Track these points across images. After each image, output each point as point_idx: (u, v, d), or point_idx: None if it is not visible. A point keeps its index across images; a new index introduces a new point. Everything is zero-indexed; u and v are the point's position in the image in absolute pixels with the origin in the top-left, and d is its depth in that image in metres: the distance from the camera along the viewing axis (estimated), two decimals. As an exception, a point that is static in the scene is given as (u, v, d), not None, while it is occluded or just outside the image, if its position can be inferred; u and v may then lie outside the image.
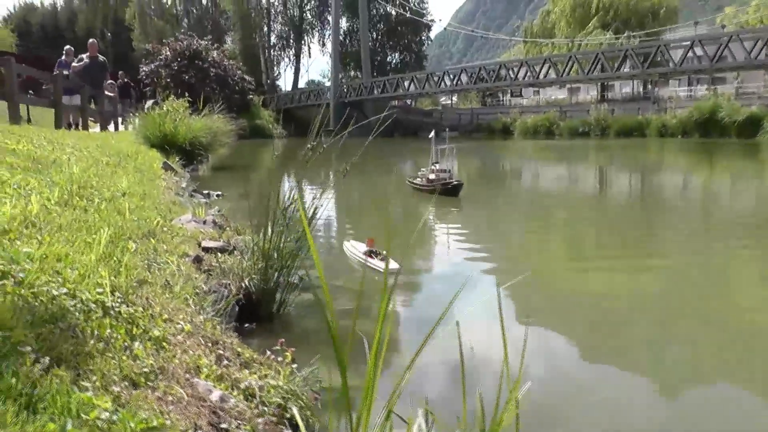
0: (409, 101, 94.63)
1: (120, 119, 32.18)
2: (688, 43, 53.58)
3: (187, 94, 44.37)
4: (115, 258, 4.32)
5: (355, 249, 9.23)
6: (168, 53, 65.66)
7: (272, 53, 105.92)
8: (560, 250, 11.60)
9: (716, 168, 31.89)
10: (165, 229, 6.12)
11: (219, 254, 5.82)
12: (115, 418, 2.29)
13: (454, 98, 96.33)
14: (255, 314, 5.39)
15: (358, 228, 12.82)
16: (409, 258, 9.35)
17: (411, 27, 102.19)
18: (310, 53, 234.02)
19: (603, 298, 7.94)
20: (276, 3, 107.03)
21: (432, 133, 17.73)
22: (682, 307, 7.81)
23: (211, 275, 5.37)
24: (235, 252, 6.19)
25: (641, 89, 71.97)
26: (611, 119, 63.80)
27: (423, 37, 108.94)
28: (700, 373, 5.99)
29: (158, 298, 4.09)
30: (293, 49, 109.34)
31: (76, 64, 22.90)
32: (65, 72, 21.34)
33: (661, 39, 63.38)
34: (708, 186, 24.36)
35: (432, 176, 16.86)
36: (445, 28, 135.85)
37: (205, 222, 6.84)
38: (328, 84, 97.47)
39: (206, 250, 5.96)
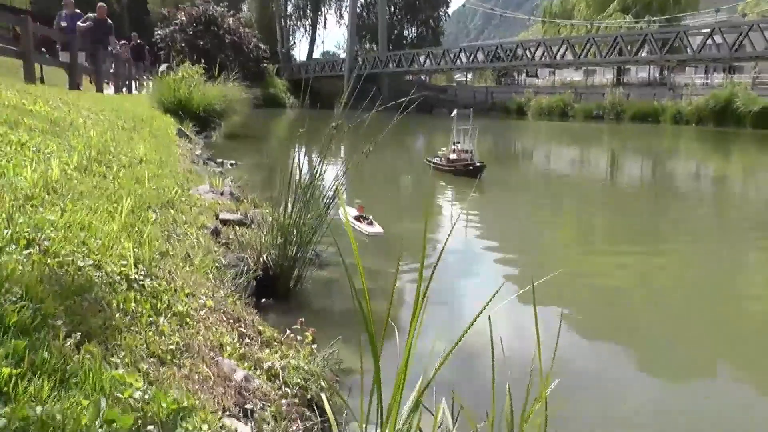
0: (424, 77, 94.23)
1: (134, 82, 32.05)
2: (708, 30, 53.09)
3: (201, 60, 44.27)
4: (136, 228, 4.31)
5: (348, 213, 9.35)
6: (183, 18, 65.43)
7: (288, 23, 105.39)
8: (577, 239, 11.56)
9: (731, 158, 31.72)
10: (183, 199, 6.11)
11: (237, 227, 5.81)
12: (147, 397, 2.28)
13: (470, 76, 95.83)
14: (272, 289, 5.38)
15: (372, 204, 12.74)
16: (430, 242, 9.35)
17: (429, 2, 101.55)
18: (326, 24, 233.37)
19: (617, 289, 7.92)
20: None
21: (454, 112, 17.21)
22: (693, 299, 7.84)
23: (229, 248, 5.36)
24: (253, 225, 6.17)
25: (657, 75, 71.46)
26: (626, 104, 63.45)
27: (441, 13, 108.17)
28: (710, 365, 6.00)
29: (180, 272, 4.08)
30: (309, 20, 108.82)
31: (81, 24, 22.48)
32: (63, 24, 21.11)
33: (681, 25, 62.81)
34: (722, 177, 24.21)
35: (453, 156, 16.41)
36: (463, 5, 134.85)
37: (222, 193, 6.82)
38: (343, 55, 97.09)
39: (224, 222, 5.95)
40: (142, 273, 3.61)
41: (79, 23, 22.37)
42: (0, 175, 4.30)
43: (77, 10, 22.45)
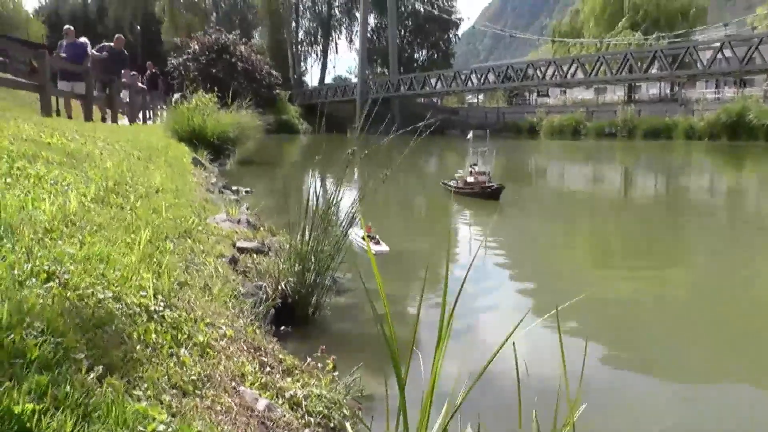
0: (435, 99, 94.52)
1: (149, 112, 32.25)
2: (718, 44, 53.03)
3: (214, 88, 44.52)
4: (155, 259, 4.31)
5: (356, 235, 9.52)
6: (196, 47, 66.05)
7: (300, 49, 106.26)
8: (596, 259, 11.45)
9: (744, 172, 31.60)
10: (200, 228, 6.11)
11: (254, 255, 5.81)
12: (170, 430, 2.27)
13: (481, 97, 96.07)
14: (291, 317, 5.36)
15: (387, 227, 12.70)
16: (450, 265, 9.36)
17: (439, 24, 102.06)
18: (337, 49, 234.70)
19: (638, 309, 7.83)
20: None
21: (470, 134, 16.99)
22: (707, 314, 7.82)
23: (247, 277, 5.36)
24: (270, 253, 6.17)
25: (668, 91, 71.52)
26: (638, 120, 63.52)
27: (450, 35, 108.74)
28: (722, 380, 5.99)
29: (199, 301, 4.08)
30: (321, 45, 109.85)
31: (96, 53, 22.20)
32: (62, 54, 20.33)
33: (690, 40, 62.84)
34: (735, 190, 24.13)
35: (470, 179, 15.96)
36: (473, 27, 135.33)
37: (239, 221, 6.83)
38: (354, 80, 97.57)
39: (241, 250, 5.94)
40: (162, 304, 3.60)
41: (94, 52, 22.17)
42: (19, 208, 4.32)
43: (82, 40, 21.82)
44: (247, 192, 15.05)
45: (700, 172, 31.54)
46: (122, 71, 23.75)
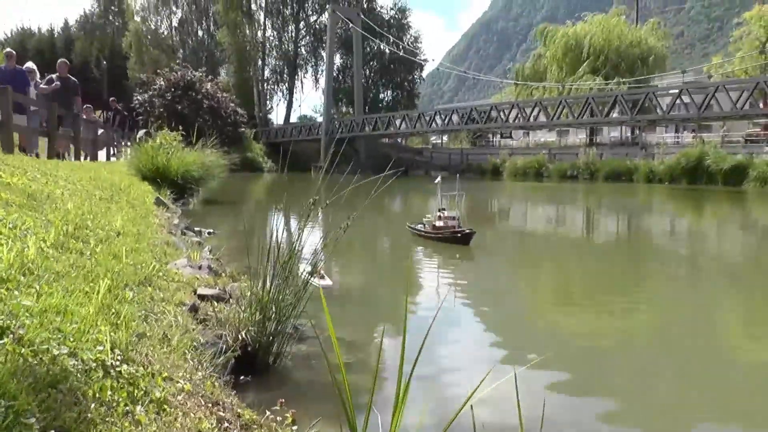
0: (400, 139, 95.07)
1: (113, 148, 31.93)
2: (676, 91, 54.02)
3: (179, 125, 44.30)
4: (113, 309, 4.24)
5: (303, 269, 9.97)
6: (162, 83, 66.00)
7: (266, 87, 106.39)
8: (561, 300, 11.49)
9: (703, 214, 32.14)
10: (161, 274, 6.05)
11: (215, 303, 5.75)
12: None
13: (445, 138, 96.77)
14: (251, 365, 5.29)
15: (350, 271, 12.66)
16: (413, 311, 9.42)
17: (404, 65, 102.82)
18: (303, 88, 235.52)
19: (601, 348, 7.97)
20: (271, 37, 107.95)
21: (438, 179, 16.58)
22: (669, 350, 8.04)
23: (207, 325, 5.30)
24: (231, 300, 6.11)
25: (629, 134, 72.70)
26: (600, 163, 64.41)
27: (415, 76, 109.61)
28: (686, 413, 6.15)
29: (157, 354, 4.01)
30: (287, 84, 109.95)
31: (44, 86, 21.28)
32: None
33: (650, 86, 63.94)
34: (695, 232, 24.54)
35: (439, 223, 15.61)
36: (437, 68, 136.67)
37: (200, 267, 6.76)
38: (320, 119, 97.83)
39: (202, 297, 5.88)
40: (119, 358, 3.54)
41: (42, 85, 21.40)
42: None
43: (28, 65, 20.72)
44: (210, 233, 14.93)
45: (661, 215, 31.99)
46: (76, 101, 22.65)
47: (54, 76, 21.66)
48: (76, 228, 6.48)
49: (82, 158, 23.04)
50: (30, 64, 20.62)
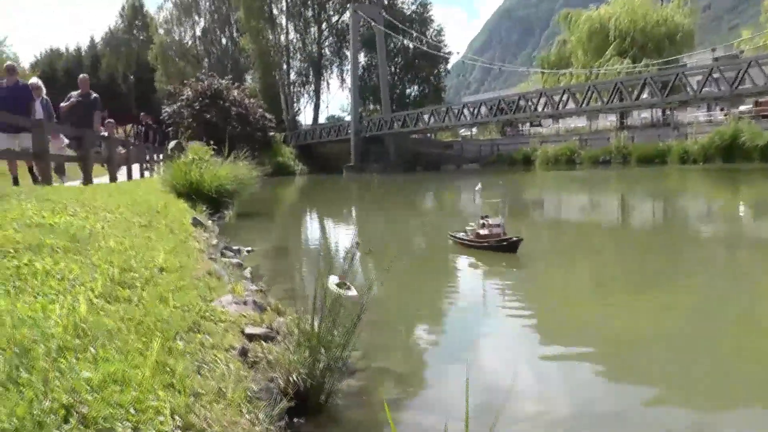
0: (428, 134, 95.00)
1: (146, 165, 32.13)
2: (707, 69, 53.29)
3: (209, 134, 44.67)
4: (168, 367, 4.32)
5: (331, 281, 10.19)
6: (189, 93, 66.62)
7: (292, 90, 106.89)
8: (618, 297, 11.44)
9: (740, 195, 31.82)
10: (208, 313, 6.13)
11: (263, 343, 5.82)
12: None
13: (474, 130, 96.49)
14: (303, 406, 5.35)
15: (389, 285, 12.51)
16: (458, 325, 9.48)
17: (428, 60, 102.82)
18: (329, 88, 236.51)
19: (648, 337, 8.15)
20: (294, 40, 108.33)
21: (478, 186, 16.05)
22: (711, 337, 8.40)
23: (257, 369, 5.36)
24: (278, 337, 6.18)
25: (660, 115, 71.85)
26: (632, 147, 63.95)
27: (440, 69, 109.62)
28: (729, 398, 6.36)
29: (214, 412, 4.08)
30: (313, 85, 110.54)
31: (64, 104, 20.87)
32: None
33: (679, 66, 63.20)
34: (732, 214, 24.39)
35: (484, 231, 14.89)
36: (462, 61, 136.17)
37: (245, 302, 6.84)
38: (348, 118, 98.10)
39: (250, 337, 5.94)
40: (179, 424, 3.61)
41: (62, 104, 21.01)
42: (30, 318, 4.35)
43: (33, 80, 18.96)
44: (248, 251, 15.04)
45: (696, 198, 31.84)
46: (95, 118, 21.33)
47: (74, 93, 21.13)
48: (121, 271, 6.59)
49: (95, 179, 22.42)
50: (35, 80, 19.16)
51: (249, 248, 15.27)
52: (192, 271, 8.34)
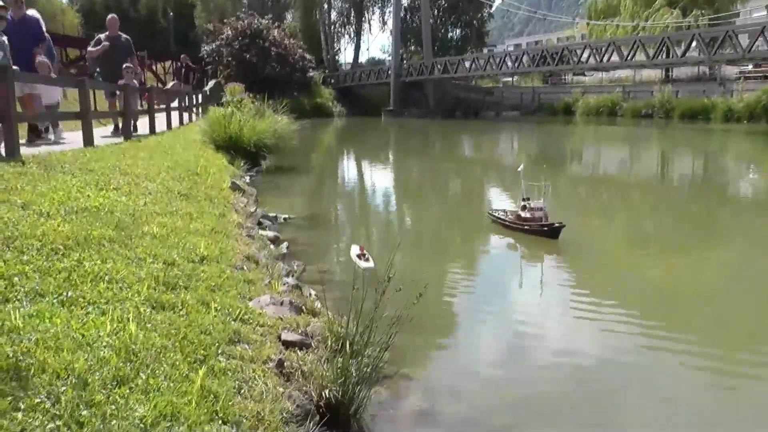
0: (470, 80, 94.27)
1: (185, 111, 32.18)
2: (759, 28, 52.10)
3: (248, 74, 44.58)
4: (211, 393, 4.68)
5: (352, 251, 12.05)
6: (229, 32, 66.40)
7: (332, 30, 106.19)
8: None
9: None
10: (246, 316, 6.49)
11: (299, 351, 6.15)
12: None
13: (515, 77, 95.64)
14: (334, 418, 5.65)
15: (422, 260, 12.76)
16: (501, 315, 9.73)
17: (472, 3, 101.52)
18: (370, 29, 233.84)
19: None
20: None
21: (521, 167, 15.36)
22: (748, 294, 9.50)
23: (292, 380, 5.69)
24: (313, 343, 6.51)
25: (707, 69, 70.55)
26: (675, 101, 62.99)
27: (484, 14, 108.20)
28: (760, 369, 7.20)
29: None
30: (354, 26, 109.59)
31: (92, 48, 19.79)
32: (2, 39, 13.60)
33: (730, 20, 61.82)
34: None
35: (525, 214, 14.51)
36: (507, 9, 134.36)
37: (282, 303, 7.19)
38: (389, 59, 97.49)
39: (286, 344, 6.29)
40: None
41: (90, 48, 20.34)
42: (83, 339, 4.72)
43: (32, 12, 16.14)
44: (285, 219, 15.36)
45: (737, 160, 31.78)
46: (129, 65, 19.92)
47: (102, 36, 19.67)
48: (165, 267, 6.97)
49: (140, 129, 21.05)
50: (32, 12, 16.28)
51: (286, 215, 15.60)
52: (231, 259, 8.75)
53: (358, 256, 11.71)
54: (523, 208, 14.63)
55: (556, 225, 13.86)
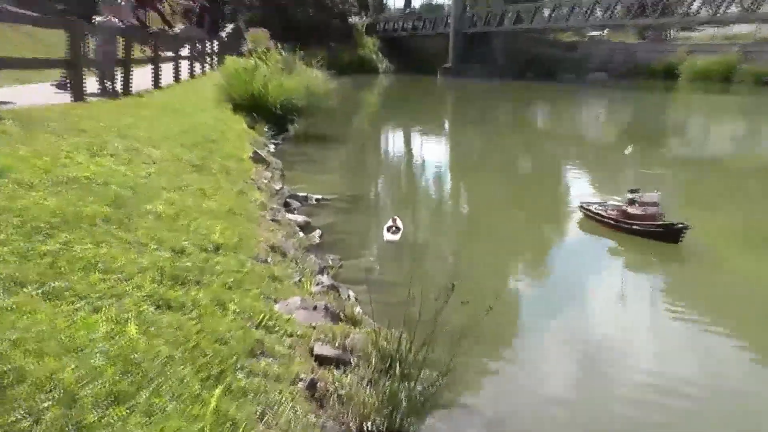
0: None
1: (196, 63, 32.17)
2: None
3: (277, 19, 44.39)
4: (228, 419, 4.62)
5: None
6: (258, -31, 65.98)
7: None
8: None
9: None
10: (272, 323, 6.42)
11: (335, 371, 6.05)
12: None
13: (605, 30, 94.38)
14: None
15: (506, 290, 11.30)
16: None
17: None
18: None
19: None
20: None
21: (629, 149, 14.67)
22: None
23: (325, 408, 5.59)
24: (352, 360, 6.40)
25: None
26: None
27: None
28: None
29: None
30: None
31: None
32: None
33: None
34: None
35: (633, 210, 13.60)
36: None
37: (315, 307, 7.09)
38: (448, 4, 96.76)
39: (319, 360, 6.19)
40: None
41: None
42: (73, 342, 4.67)
43: None
44: (318, 200, 15.21)
45: None
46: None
47: None
48: (172, 256, 6.91)
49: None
50: None
51: (318, 195, 15.44)
52: (253, 248, 8.69)
53: (388, 228, 12.41)
54: (631, 202, 13.66)
55: (678, 225, 12.81)
